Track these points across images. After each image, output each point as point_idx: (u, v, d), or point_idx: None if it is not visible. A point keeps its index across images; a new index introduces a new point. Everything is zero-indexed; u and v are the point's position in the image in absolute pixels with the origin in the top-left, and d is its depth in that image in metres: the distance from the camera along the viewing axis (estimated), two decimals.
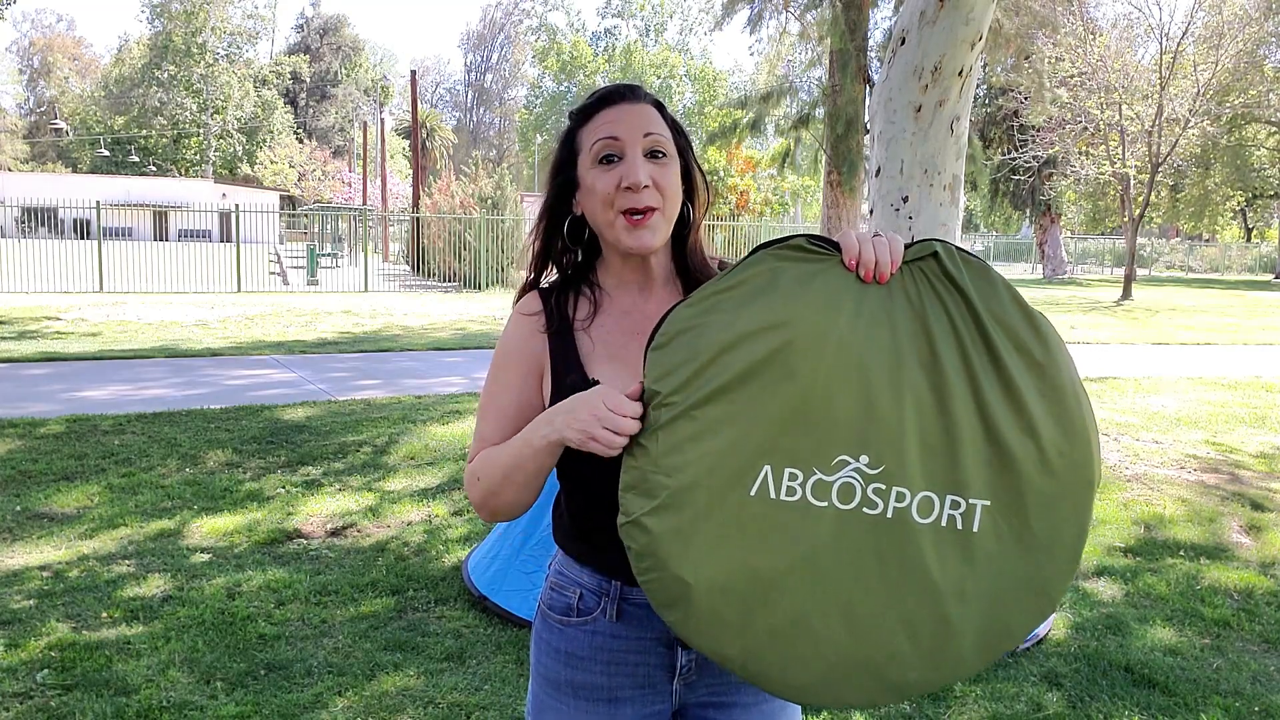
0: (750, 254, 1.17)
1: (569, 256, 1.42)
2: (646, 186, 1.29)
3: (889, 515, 1.11)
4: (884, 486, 1.11)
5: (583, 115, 1.36)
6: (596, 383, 1.27)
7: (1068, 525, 1.14)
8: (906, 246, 1.15)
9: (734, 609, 1.13)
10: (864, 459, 1.11)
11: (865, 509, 1.11)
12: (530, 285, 1.43)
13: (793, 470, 1.11)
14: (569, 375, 1.31)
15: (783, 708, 1.43)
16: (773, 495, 1.11)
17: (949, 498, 1.12)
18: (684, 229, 1.41)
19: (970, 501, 1.12)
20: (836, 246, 1.15)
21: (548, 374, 1.34)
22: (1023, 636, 1.16)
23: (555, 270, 1.44)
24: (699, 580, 1.12)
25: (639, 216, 1.30)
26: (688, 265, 1.42)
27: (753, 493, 1.11)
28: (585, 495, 1.33)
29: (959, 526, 1.12)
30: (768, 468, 1.11)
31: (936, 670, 1.15)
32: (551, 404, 1.31)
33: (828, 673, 1.14)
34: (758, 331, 1.11)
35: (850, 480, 1.11)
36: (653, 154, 1.31)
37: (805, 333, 1.11)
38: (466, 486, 1.35)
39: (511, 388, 1.36)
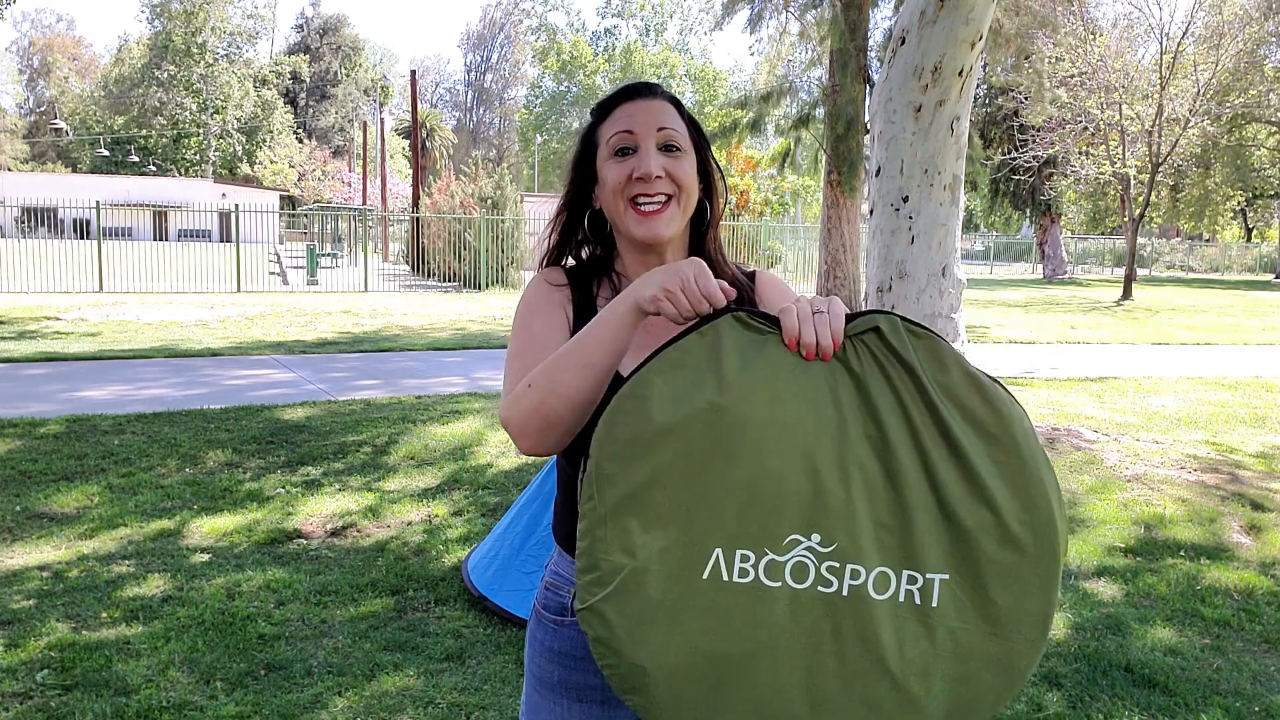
0: (694, 325, 1.14)
1: (589, 250, 1.44)
2: (659, 177, 1.31)
3: (844, 593, 1.09)
4: (838, 564, 1.09)
5: (601, 111, 1.39)
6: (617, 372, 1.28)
7: (1032, 598, 1.11)
8: (850, 318, 1.12)
9: (695, 693, 1.12)
10: (815, 538, 1.09)
11: (820, 587, 1.09)
12: (547, 263, 1.44)
13: (744, 552, 1.09)
14: None
15: None
16: (725, 578, 1.09)
17: (905, 573, 1.09)
18: (701, 226, 1.43)
19: (928, 576, 1.09)
20: (777, 323, 1.12)
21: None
22: (990, 713, 1.13)
23: (572, 261, 1.45)
24: (656, 668, 1.11)
25: (652, 207, 1.32)
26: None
27: (705, 576, 1.09)
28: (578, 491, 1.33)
29: (917, 602, 1.09)
30: (719, 551, 1.09)
31: None
32: None
33: None
34: (699, 413, 1.09)
35: (803, 559, 1.09)
36: (667, 148, 1.34)
37: (747, 415, 1.08)
38: (509, 410, 1.22)
39: (553, 329, 1.33)
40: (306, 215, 35.10)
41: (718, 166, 1.43)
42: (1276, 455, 6.32)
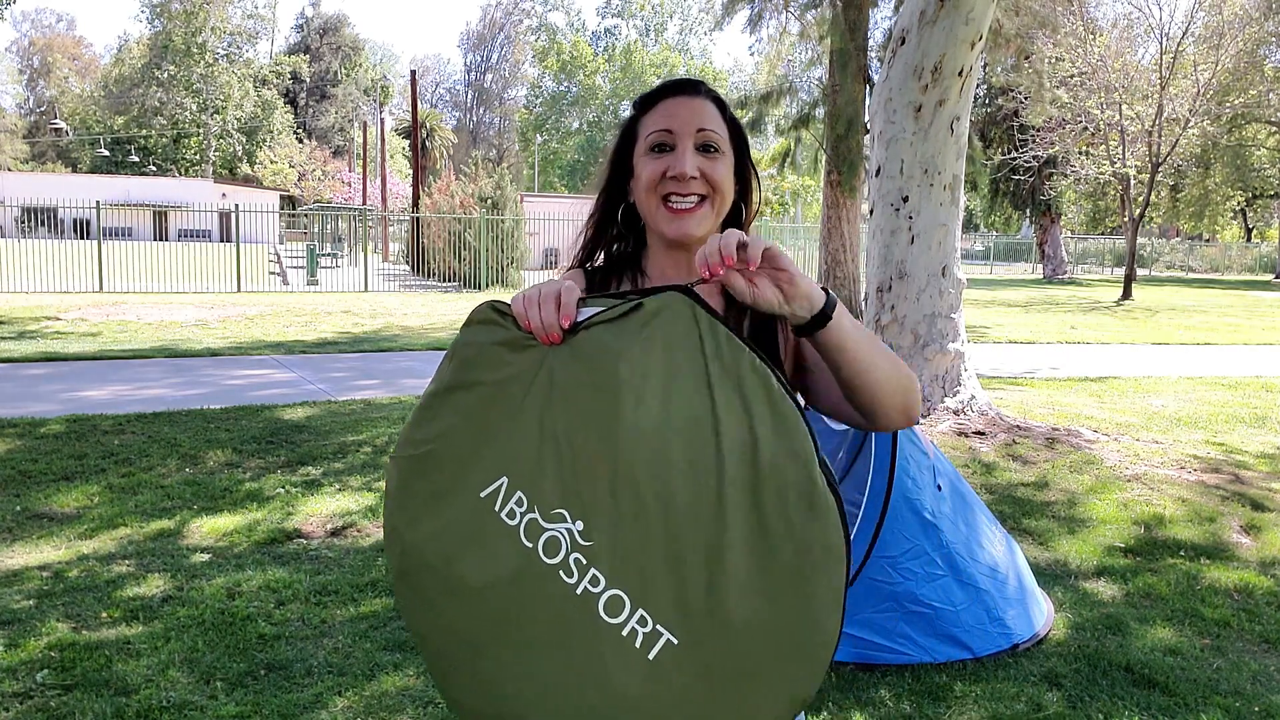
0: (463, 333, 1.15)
1: (620, 244, 1.45)
2: (694, 178, 1.31)
3: (578, 593, 1.02)
4: (584, 561, 1.02)
5: (643, 105, 1.38)
6: None
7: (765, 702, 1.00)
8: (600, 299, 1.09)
9: (430, 586, 1.11)
10: (579, 524, 1.03)
11: (563, 573, 1.03)
12: (576, 264, 1.45)
13: (521, 496, 1.06)
14: None
15: None
16: (495, 508, 1.07)
17: (639, 611, 1.01)
18: (735, 226, 1.42)
19: (657, 628, 1.00)
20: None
21: None
22: None
23: (603, 258, 1.46)
24: (410, 544, 1.12)
25: (685, 206, 1.32)
26: None
27: (483, 495, 1.08)
28: None
29: (637, 645, 1.00)
30: (504, 479, 1.07)
31: None
32: None
33: (489, 706, 1.10)
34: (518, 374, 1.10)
35: (559, 536, 1.04)
36: (705, 148, 1.33)
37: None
38: None
39: None
40: (306, 215, 35.10)
41: (755, 170, 1.42)
42: (1277, 455, 6.31)
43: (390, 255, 34.19)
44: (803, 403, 1.31)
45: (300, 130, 69.56)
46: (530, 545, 1.05)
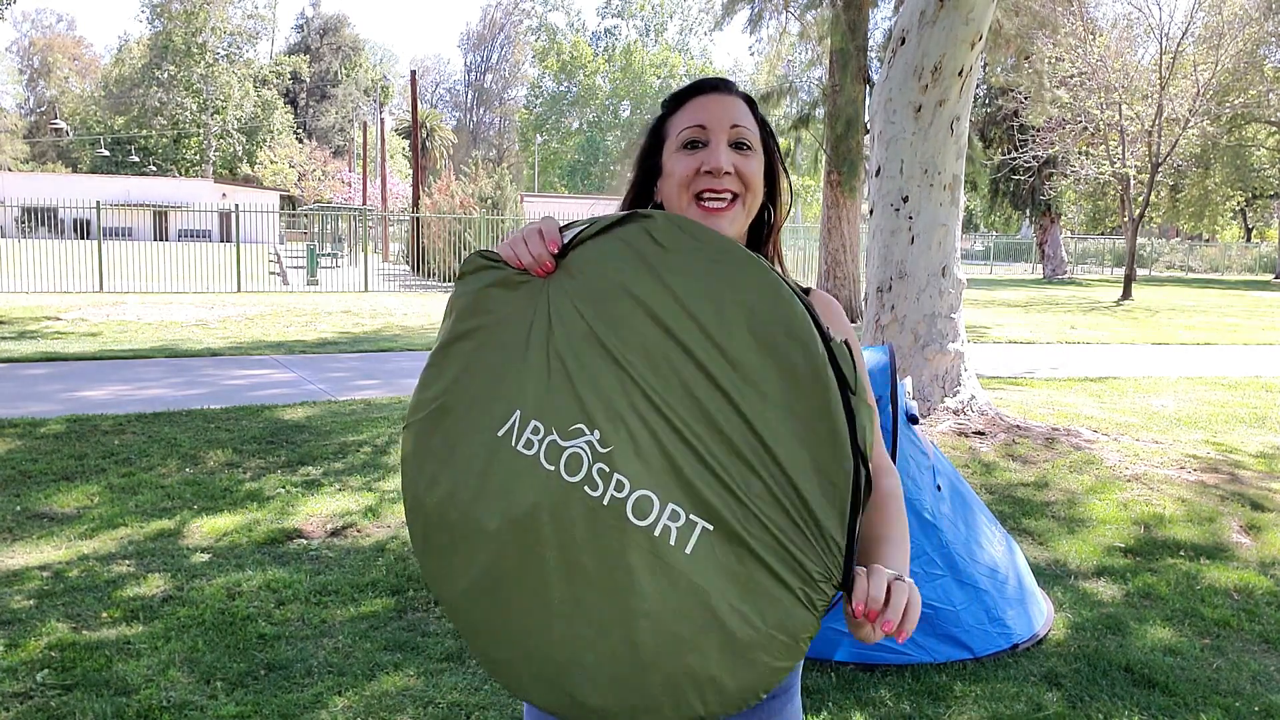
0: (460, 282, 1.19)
1: None
2: (728, 173, 1.29)
3: (605, 502, 1.01)
4: (607, 469, 1.02)
5: (673, 104, 1.37)
6: None
7: (790, 605, 0.99)
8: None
9: (444, 539, 1.11)
10: (595, 434, 1.03)
11: (587, 488, 1.03)
12: None
13: (536, 425, 1.07)
14: None
15: (780, 709, 1.42)
16: (512, 443, 1.08)
17: (670, 505, 1.00)
18: (761, 229, 1.41)
19: (690, 517, 1.00)
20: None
21: None
22: (728, 700, 1.00)
23: None
24: (428, 503, 1.13)
25: (718, 205, 1.30)
26: None
27: (499, 434, 1.09)
28: None
29: (671, 541, 0.99)
30: (517, 412, 1.08)
31: (619, 702, 1.02)
32: None
33: (515, 652, 1.08)
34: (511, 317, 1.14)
35: (579, 451, 1.04)
36: (738, 145, 1.32)
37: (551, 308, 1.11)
38: None
39: None
40: (306, 215, 35.09)
41: (785, 171, 1.41)
42: (1276, 455, 6.32)
43: (390, 255, 34.19)
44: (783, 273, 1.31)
45: (300, 130, 69.57)
46: (552, 468, 1.05)
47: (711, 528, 0.99)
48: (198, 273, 20.93)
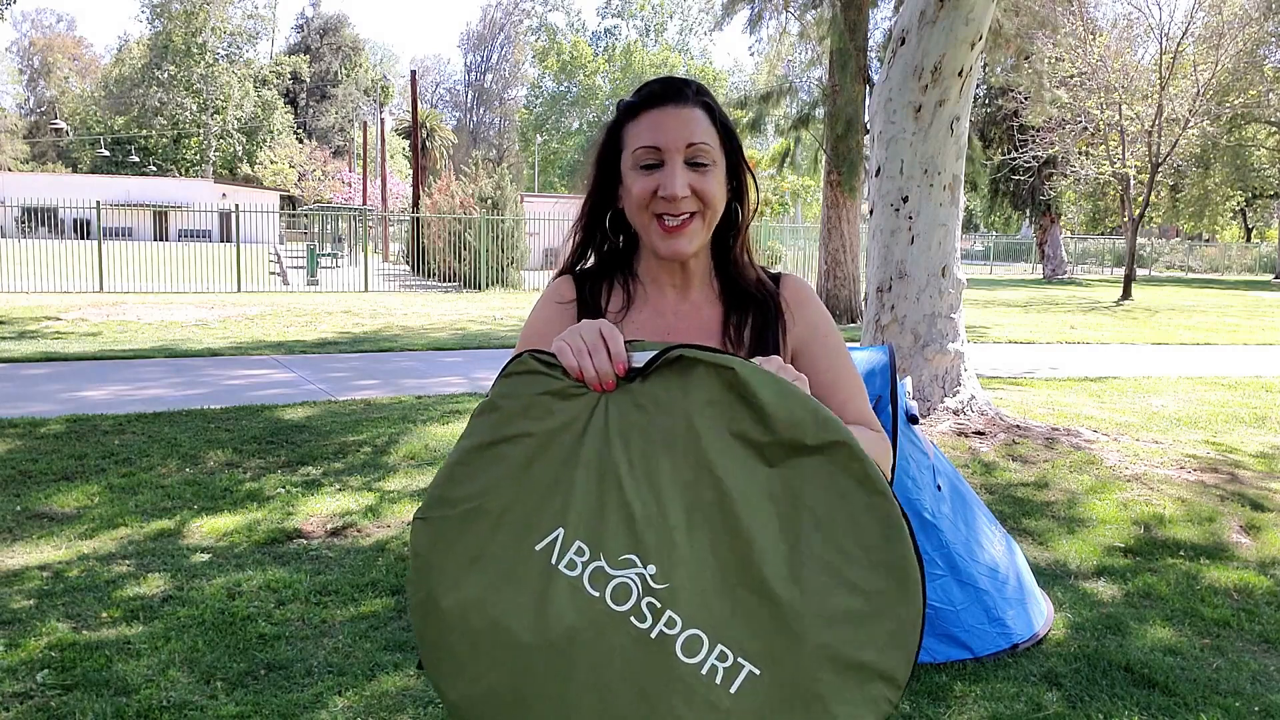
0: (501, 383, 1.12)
1: (609, 245, 1.42)
2: (685, 197, 1.28)
3: (652, 636, 1.01)
4: (659, 605, 1.01)
5: (630, 112, 1.34)
6: None
7: None
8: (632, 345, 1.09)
9: (462, 644, 1.07)
10: (651, 569, 1.02)
11: (634, 619, 1.01)
12: (564, 270, 1.43)
13: (582, 545, 1.04)
14: None
15: None
16: (553, 561, 1.04)
17: (719, 646, 1.01)
18: (729, 228, 1.39)
19: (738, 660, 1.00)
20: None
21: None
22: None
23: (594, 260, 1.43)
24: (453, 610, 1.07)
25: (675, 223, 1.29)
26: (728, 269, 1.41)
27: (538, 548, 1.05)
28: None
29: (718, 681, 1.00)
30: (560, 530, 1.05)
31: None
32: None
33: None
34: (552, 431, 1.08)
35: (628, 582, 1.02)
36: (695, 164, 1.29)
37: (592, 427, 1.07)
38: None
39: None
40: (306, 215, 35.10)
41: (751, 171, 1.39)
42: (1276, 455, 6.32)
43: (390, 255, 34.20)
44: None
45: (300, 130, 69.55)
46: (596, 594, 1.02)
47: (759, 672, 1.00)
48: (198, 273, 20.93)
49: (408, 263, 27.05)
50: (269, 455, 5.78)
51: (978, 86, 11.66)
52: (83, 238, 24.59)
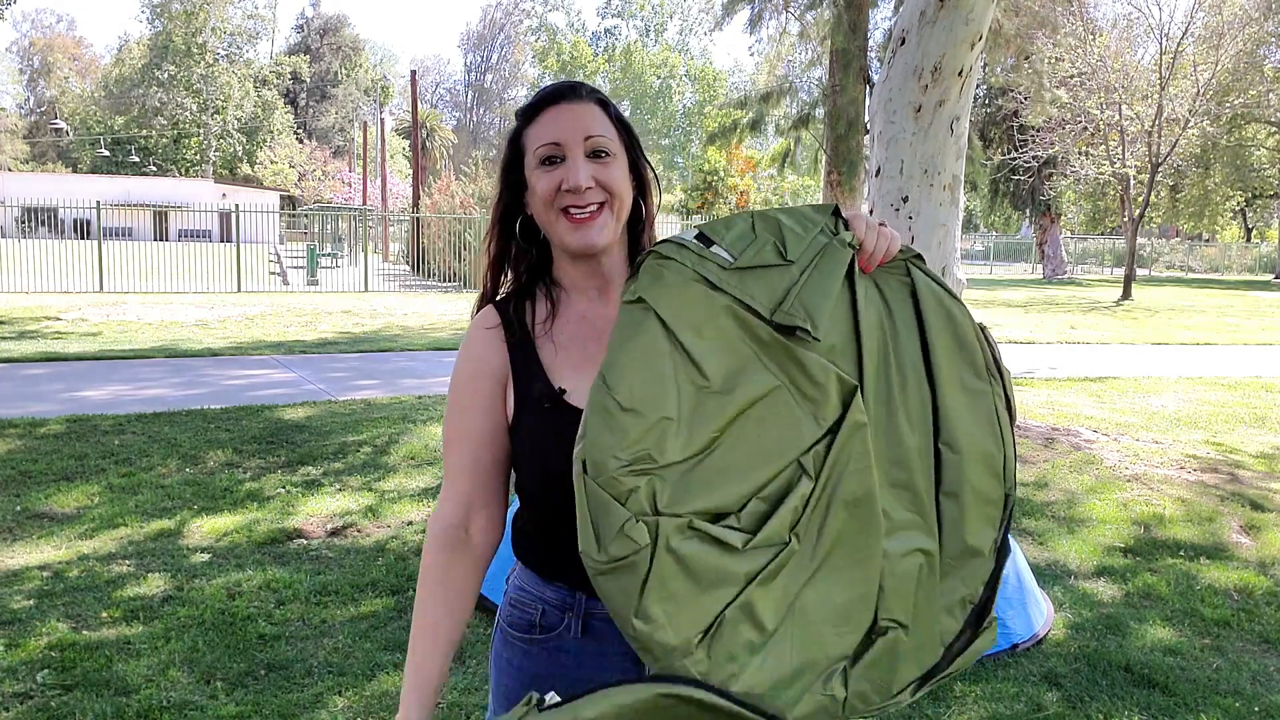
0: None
1: (526, 259, 1.39)
2: (589, 188, 1.27)
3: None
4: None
5: (527, 116, 1.34)
6: (563, 391, 1.26)
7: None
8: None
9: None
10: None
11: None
12: (487, 298, 1.39)
13: None
14: (534, 384, 1.28)
15: None
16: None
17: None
18: (638, 226, 1.39)
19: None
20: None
21: (510, 386, 1.31)
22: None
23: (512, 277, 1.40)
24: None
25: (583, 214, 1.28)
26: None
27: None
28: (550, 510, 1.28)
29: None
30: None
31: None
32: (518, 416, 1.30)
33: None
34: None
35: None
36: (595, 154, 1.29)
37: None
38: (428, 537, 1.35)
39: (479, 410, 1.32)
40: (306, 215, 35.08)
41: (649, 165, 1.39)
42: (1276, 455, 6.32)
43: (390, 255, 34.18)
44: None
45: (300, 130, 69.53)
46: None
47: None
48: (198, 273, 20.92)
49: (408, 263, 27.05)
50: (269, 455, 5.78)
51: (978, 86, 11.66)
52: (83, 238, 24.57)
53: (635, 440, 1.03)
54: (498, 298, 1.39)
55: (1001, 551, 1.19)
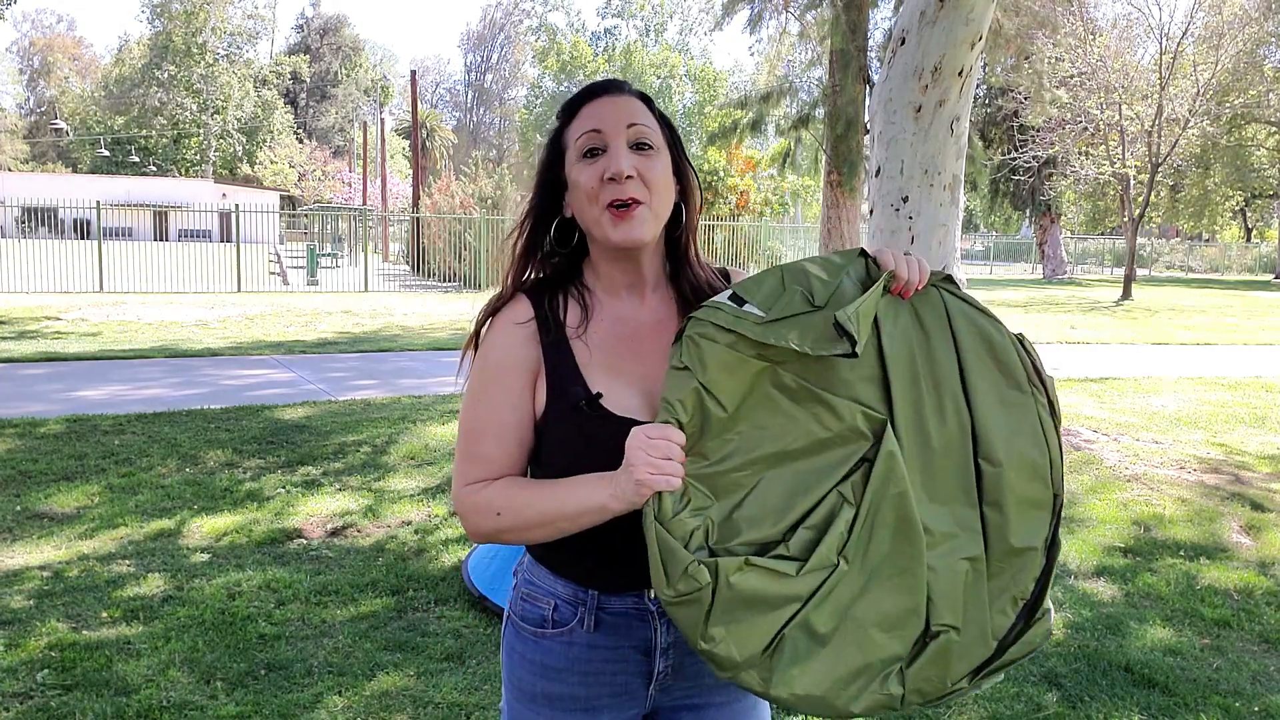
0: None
1: (556, 260, 1.36)
2: (630, 177, 1.24)
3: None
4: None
5: (568, 113, 1.32)
6: (600, 396, 1.24)
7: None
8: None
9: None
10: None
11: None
12: (513, 290, 1.35)
13: None
14: (571, 385, 1.26)
15: (754, 705, 1.42)
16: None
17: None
18: (676, 231, 1.35)
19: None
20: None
21: (542, 383, 1.29)
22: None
23: (536, 273, 1.37)
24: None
25: (624, 208, 1.25)
26: (680, 271, 1.36)
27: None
28: None
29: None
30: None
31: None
32: (548, 415, 1.27)
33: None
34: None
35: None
36: (638, 145, 1.27)
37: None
38: (473, 514, 1.27)
39: (510, 405, 1.29)
40: (306, 215, 35.09)
41: (692, 166, 1.37)
42: (1276, 455, 6.32)
43: (390, 255, 34.19)
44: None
45: (300, 130, 69.53)
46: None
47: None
48: (198, 273, 20.92)
49: (408, 263, 27.04)
50: (268, 455, 5.78)
51: (978, 86, 11.66)
52: (83, 238, 24.56)
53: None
54: (525, 289, 1.35)
55: (1053, 548, 1.22)
